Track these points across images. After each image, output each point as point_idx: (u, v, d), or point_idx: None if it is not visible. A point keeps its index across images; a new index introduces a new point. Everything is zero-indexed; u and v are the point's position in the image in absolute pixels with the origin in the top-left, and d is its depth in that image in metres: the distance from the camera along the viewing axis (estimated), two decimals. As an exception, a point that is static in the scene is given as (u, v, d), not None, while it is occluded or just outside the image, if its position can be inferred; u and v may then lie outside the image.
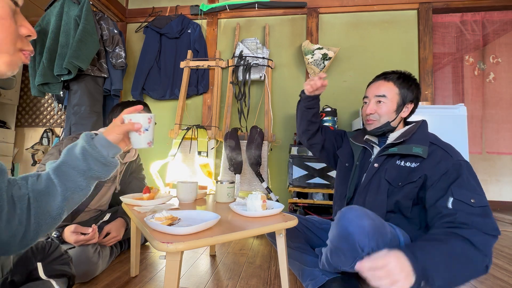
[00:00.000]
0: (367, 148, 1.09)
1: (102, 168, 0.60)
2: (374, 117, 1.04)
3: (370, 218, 0.76)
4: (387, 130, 1.03)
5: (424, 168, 0.90)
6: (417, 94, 1.04)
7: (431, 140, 0.95)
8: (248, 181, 2.01)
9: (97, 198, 1.33)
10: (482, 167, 3.18)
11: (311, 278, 0.97)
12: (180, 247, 0.62)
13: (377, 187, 0.97)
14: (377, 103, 1.03)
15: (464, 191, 0.81)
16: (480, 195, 0.82)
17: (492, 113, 2.45)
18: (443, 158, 0.89)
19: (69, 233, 1.06)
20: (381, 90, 1.02)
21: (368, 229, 0.74)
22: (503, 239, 1.85)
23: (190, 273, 1.20)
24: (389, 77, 1.04)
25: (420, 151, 0.91)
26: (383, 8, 2.29)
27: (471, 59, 2.49)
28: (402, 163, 0.95)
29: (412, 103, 1.04)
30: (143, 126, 0.68)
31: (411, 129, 1.00)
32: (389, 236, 0.80)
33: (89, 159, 0.58)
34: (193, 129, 2.16)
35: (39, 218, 0.51)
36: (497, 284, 1.15)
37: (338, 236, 0.78)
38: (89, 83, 2.04)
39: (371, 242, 0.74)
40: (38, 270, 0.72)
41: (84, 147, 0.59)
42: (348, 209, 0.79)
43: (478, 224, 0.76)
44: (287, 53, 2.39)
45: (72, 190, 0.57)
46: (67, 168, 0.56)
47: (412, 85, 1.03)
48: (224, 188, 1.15)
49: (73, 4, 1.97)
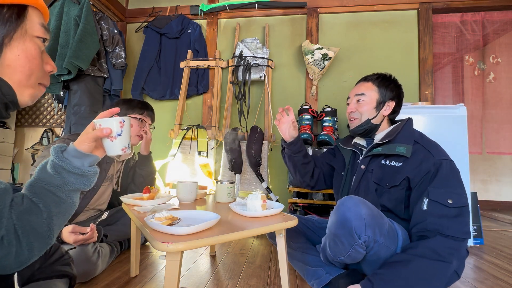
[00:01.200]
0: (357, 152, 1.11)
1: (79, 179, 0.57)
2: (355, 115, 1.08)
3: (368, 208, 0.78)
4: (369, 128, 1.05)
5: (407, 169, 0.91)
6: (398, 93, 1.07)
7: (416, 138, 0.96)
8: (248, 181, 2.01)
9: (95, 198, 1.33)
10: (482, 167, 3.18)
11: (316, 277, 0.97)
12: (180, 247, 0.62)
13: (366, 189, 0.99)
14: (357, 101, 1.07)
15: (441, 191, 0.83)
16: (459, 194, 0.83)
17: (492, 113, 2.45)
18: (425, 159, 0.90)
19: (68, 233, 1.05)
20: (361, 89, 1.08)
21: (365, 217, 0.76)
22: (503, 239, 1.85)
23: (190, 273, 1.20)
24: (368, 78, 1.10)
25: (404, 150, 0.92)
26: (383, 8, 2.29)
27: (471, 59, 2.49)
28: (387, 162, 0.97)
29: (393, 101, 1.06)
30: (114, 131, 0.62)
31: (396, 128, 1.02)
32: (386, 227, 0.81)
33: (63, 173, 0.55)
34: (193, 129, 2.16)
35: (28, 237, 0.49)
36: (497, 284, 1.15)
37: (336, 222, 0.80)
38: (89, 83, 2.04)
39: (368, 229, 0.76)
40: (39, 271, 0.72)
41: (53, 162, 0.56)
42: (348, 197, 0.81)
43: (447, 229, 0.78)
44: (287, 53, 2.39)
45: (54, 205, 0.54)
46: (42, 185, 0.54)
47: (391, 84, 1.07)
48: (224, 188, 1.16)
49: (73, 4, 1.97)
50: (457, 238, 0.78)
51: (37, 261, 0.72)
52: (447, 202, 0.81)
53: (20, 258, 0.49)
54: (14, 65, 0.49)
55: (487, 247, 1.67)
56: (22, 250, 0.49)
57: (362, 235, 0.76)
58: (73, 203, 0.58)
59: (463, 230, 0.79)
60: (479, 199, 1.99)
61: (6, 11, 0.48)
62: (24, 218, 0.50)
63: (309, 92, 2.29)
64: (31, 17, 0.51)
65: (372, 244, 0.78)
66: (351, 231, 0.77)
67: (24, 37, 0.50)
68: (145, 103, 1.45)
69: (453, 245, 0.77)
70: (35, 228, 0.51)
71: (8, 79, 0.48)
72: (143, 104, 1.44)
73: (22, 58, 0.50)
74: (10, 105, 0.50)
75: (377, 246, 0.79)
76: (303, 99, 2.31)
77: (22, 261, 0.50)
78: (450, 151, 1.61)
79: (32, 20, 0.51)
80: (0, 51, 0.47)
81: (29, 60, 0.51)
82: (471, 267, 1.34)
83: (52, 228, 0.54)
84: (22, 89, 0.51)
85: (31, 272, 0.71)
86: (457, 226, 0.79)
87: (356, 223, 0.76)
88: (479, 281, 1.18)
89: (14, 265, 0.49)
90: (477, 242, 1.67)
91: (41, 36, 0.53)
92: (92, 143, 0.60)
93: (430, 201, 0.83)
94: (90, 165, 0.61)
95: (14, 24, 0.48)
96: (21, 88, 0.51)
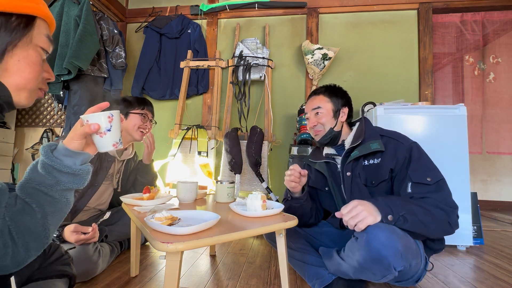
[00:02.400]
0: (330, 161, 1.13)
1: (72, 178, 0.56)
2: (318, 127, 1.12)
3: (399, 237, 0.76)
4: (333, 135, 1.11)
5: (387, 162, 0.97)
6: (347, 99, 1.14)
7: (380, 132, 1.03)
8: (248, 181, 2.01)
9: (95, 197, 1.33)
10: (482, 167, 3.18)
11: (318, 277, 0.97)
12: (180, 247, 0.62)
13: (359, 193, 1.01)
14: (316, 115, 1.12)
15: (420, 173, 0.90)
16: (434, 170, 0.91)
17: (492, 113, 2.45)
18: (397, 148, 0.97)
19: (69, 232, 1.06)
20: (315, 103, 1.13)
21: (401, 250, 0.74)
22: (503, 239, 1.85)
23: (190, 273, 1.20)
24: (318, 91, 1.16)
25: (378, 145, 0.98)
26: (383, 8, 2.30)
27: (471, 59, 2.49)
28: (367, 162, 1.02)
29: (346, 107, 1.13)
30: (103, 126, 0.59)
31: (361, 128, 1.07)
32: (414, 247, 0.80)
33: (54, 172, 0.54)
34: (193, 129, 2.16)
35: (23, 238, 0.49)
36: (497, 284, 1.15)
37: (370, 259, 0.76)
38: (89, 83, 2.04)
39: (404, 261, 0.74)
40: (38, 271, 0.72)
41: (43, 161, 0.54)
42: (376, 229, 0.76)
43: (436, 200, 0.85)
44: (287, 53, 2.39)
45: (48, 205, 0.53)
46: (34, 185, 0.53)
47: (339, 93, 1.14)
48: (224, 188, 1.15)
49: (73, 4, 1.98)
50: (444, 209, 0.83)
51: (36, 261, 0.72)
52: (427, 181, 0.88)
53: (17, 259, 0.49)
54: (13, 69, 0.49)
55: (487, 247, 1.67)
56: (19, 251, 0.49)
57: (398, 267, 0.74)
58: (68, 202, 0.57)
59: (448, 201, 0.85)
60: (479, 199, 1.99)
61: (14, 19, 0.48)
62: (17, 219, 0.49)
63: (309, 92, 2.29)
64: (38, 27, 0.52)
65: (407, 269, 0.77)
66: (388, 267, 0.74)
67: (28, 45, 0.51)
68: (144, 98, 1.46)
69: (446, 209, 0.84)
70: (30, 228, 0.50)
71: (5, 82, 0.49)
72: (142, 99, 1.44)
73: (22, 63, 0.50)
74: (5, 106, 0.51)
75: (410, 268, 0.78)
76: (303, 99, 2.31)
77: (19, 262, 0.50)
78: (450, 151, 1.63)
79: (39, 31, 0.52)
80: (1, 57, 0.48)
81: (29, 65, 0.51)
82: (471, 267, 1.34)
83: (47, 228, 0.53)
84: (19, 92, 0.51)
85: (30, 272, 0.71)
86: (443, 197, 0.85)
87: (393, 259, 0.73)
88: (479, 281, 1.18)
89: (11, 265, 0.49)
90: (477, 242, 1.66)
91: (45, 48, 0.54)
92: (82, 141, 0.58)
93: (414, 184, 0.89)
94: (82, 163, 0.59)
95: (20, 33, 0.49)
96: (18, 90, 0.51)
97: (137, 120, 1.38)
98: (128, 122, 1.37)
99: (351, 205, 0.81)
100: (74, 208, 1.27)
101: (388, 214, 0.78)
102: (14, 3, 0.48)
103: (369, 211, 0.78)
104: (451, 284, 1.14)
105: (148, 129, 1.45)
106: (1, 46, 0.47)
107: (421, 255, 0.84)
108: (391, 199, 0.84)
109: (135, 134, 1.38)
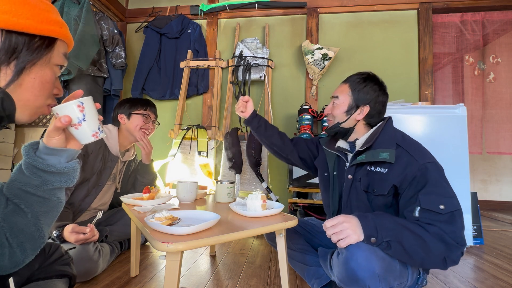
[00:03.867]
0: (341, 157, 1.06)
1: (59, 177, 0.54)
2: (330, 117, 1.06)
3: (379, 258, 0.73)
4: (338, 131, 1.03)
5: (393, 176, 0.87)
6: (375, 96, 0.98)
7: (398, 141, 0.91)
8: (248, 181, 2.01)
9: (98, 197, 1.34)
10: (482, 167, 3.18)
11: (316, 276, 0.97)
12: (180, 247, 0.62)
13: (357, 199, 0.96)
14: (333, 104, 1.05)
15: (432, 198, 0.79)
16: (451, 197, 0.79)
17: (492, 113, 2.45)
18: (409, 164, 0.85)
19: (68, 232, 1.06)
20: (337, 92, 1.04)
21: (378, 272, 0.71)
22: (503, 239, 1.85)
23: (190, 273, 1.20)
24: (349, 79, 1.03)
25: (387, 156, 0.88)
26: (383, 8, 2.29)
27: (471, 59, 2.49)
28: (373, 169, 0.93)
29: (367, 105, 0.98)
30: (74, 117, 0.54)
31: (375, 132, 0.97)
32: (398, 268, 0.77)
33: (38, 172, 0.52)
34: (193, 129, 2.16)
35: (17, 238, 0.49)
36: (497, 284, 1.15)
37: (347, 278, 0.75)
38: (89, 83, 2.04)
39: (382, 283, 0.73)
40: (38, 271, 0.72)
41: (26, 162, 0.52)
42: (355, 247, 0.74)
43: (443, 231, 0.75)
44: (287, 53, 2.39)
45: (38, 205, 0.52)
46: (19, 186, 0.51)
47: (367, 86, 0.98)
48: (224, 188, 1.16)
49: (73, 4, 1.97)
50: (449, 243, 0.74)
51: (36, 261, 0.72)
52: (439, 209, 0.77)
53: (14, 259, 0.49)
54: (27, 86, 0.50)
55: (487, 247, 1.67)
56: (15, 251, 0.49)
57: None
58: (59, 201, 0.55)
59: (458, 235, 0.75)
60: (479, 199, 1.99)
61: (37, 40, 0.50)
62: (9, 220, 0.49)
63: (309, 92, 2.29)
64: (58, 48, 0.54)
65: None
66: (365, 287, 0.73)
67: (46, 65, 0.52)
68: (147, 100, 1.48)
69: (451, 244, 0.75)
70: (23, 229, 0.50)
71: (16, 96, 0.50)
72: (145, 100, 1.46)
73: (37, 81, 0.51)
74: (5, 119, 0.51)
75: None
76: (303, 99, 2.31)
77: (16, 262, 0.50)
78: (450, 151, 1.63)
79: (58, 51, 0.54)
80: (19, 75, 0.49)
81: (43, 84, 0.52)
82: (471, 267, 1.34)
83: (40, 228, 0.52)
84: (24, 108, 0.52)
85: (30, 272, 0.71)
86: (450, 231, 0.75)
87: (369, 282, 0.71)
88: (479, 281, 1.18)
89: (9, 266, 0.49)
90: (477, 242, 1.67)
91: (60, 64, 0.56)
92: (59, 136, 0.54)
93: (422, 209, 0.78)
94: (68, 160, 0.55)
95: (41, 53, 0.51)
96: (25, 107, 0.52)
97: (139, 121, 1.39)
98: (130, 122, 1.39)
99: (337, 220, 0.77)
100: (79, 208, 1.28)
101: (372, 236, 0.74)
102: (40, 26, 0.49)
103: (354, 230, 0.75)
104: (451, 284, 1.14)
105: (151, 130, 1.46)
106: (21, 64, 0.49)
107: (408, 273, 0.80)
108: (383, 219, 0.77)
109: (138, 135, 1.39)
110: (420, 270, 0.85)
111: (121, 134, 1.41)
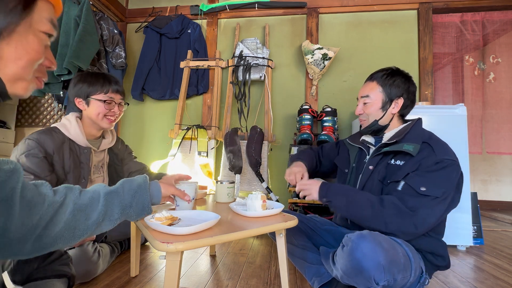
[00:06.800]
0: (363, 149, 1.09)
1: (139, 211, 0.68)
2: (363, 117, 1.06)
3: (384, 249, 0.73)
4: (376, 129, 1.04)
5: (409, 166, 0.89)
6: (406, 88, 1.01)
7: (425, 139, 0.93)
8: (248, 181, 2.01)
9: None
10: (482, 167, 3.18)
11: (317, 275, 0.97)
12: (180, 247, 0.62)
13: (370, 189, 0.97)
14: (364, 104, 1.05)
15: (419, 179, 0.84)
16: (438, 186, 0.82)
17: (492, 113, 2.45)
18: (427, 156, 0.88)
19: None
20: (366, 91, 1.05)
21: (383, 263, 0.71)
22: (503, 239, 1.85)
23: (190, 273, 1.20)
24: (374, 77, 1.05)
25: (411, 148, 0.90)
26: (383, 8, 2.29)
27: (471, 59, 2.49)
28: (393, 161, 0.95)
29: (401, 97, 1.00)
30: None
31: (405, 128, 0.99)
32: (402, 261, 0.77)
33: (137, 196, 0.67)
34: (193, 129, 2.16)
35: (64, 230, 0.52)
36: (497, 284, 1.15)
37: (352, 269, 0.75)
38: (89, 83, 2.04)
39: (387, 275, 0.72)
40: (37, 271, 0.72)
41: (140, 184, 0.68)
42: (360, 238, 0.75)
43: (405, 201, 0.82)
44: (287, 53, 2.39)
45: (106, 217, 0.61)
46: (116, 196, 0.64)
47: (397, 80, 1.01)
48: (224, 188, 1.15)
49: (73, 4, 1.97)
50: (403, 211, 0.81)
51: (35, 261, 0.72)
52: (420, 189, 0.81)
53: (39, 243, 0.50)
54: (9, 57, 0.43)
55: (487, 247, 1.67)
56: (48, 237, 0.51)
57: (381, 282, 0.73)
58: (113, 226, 0.65)
59: (420, 212, 0.80)
60: (479, 199, 1.99)
61: (10, 1, 0.42)
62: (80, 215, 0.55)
63: (309, 92, 2.29)
64: (40, 10, 0.45)
65: (392, 283, 0.75)
66: (369, 279, 0.73)
67: (27, 31, 0.44)
68: (107, 76, 1.18)
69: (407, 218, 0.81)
70: (75, 227, 0.54)
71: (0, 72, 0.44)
72: (104, 77, 1.17)
73: (19, 50, 0.44)
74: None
75: (394, 282, 0.76)
76: (303, 99, 2.31)
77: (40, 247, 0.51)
78: (450, 151, 1.62)
79: (41, 14, 0.45)
80: None
81: (28, 52, 0.45)
82: (471, 267, 1.34)
83: (83, 235, 0.56)
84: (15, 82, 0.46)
85: (29, 272, 0.71)
86: (414, 205, 0.81)
87: (374, 273, 0.71)
88: (479, 281, 1.18)
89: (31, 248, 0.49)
90: (477, 242, 1.66)
91: (47, 32, 0.47)
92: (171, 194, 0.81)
93: (405, 184, 0.85)
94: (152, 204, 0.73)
95: (17, 17, 0.42)
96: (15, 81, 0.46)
97: (100, 108, 1.14)
98: (90, 110, 1.14)
99: (309, 182, 0.98)
100: None
101: (323, 197, 0.92)
102: None
103: (315, 190, 0.94)
104: (451, 284, 1.14)
105: (118, 115, 1.20)
106: None
107: (412, 268, 0.79)
108: (337, 186, 0.94)
109: (102, 123, 1.16)
110: (423, 269, 0.85)
111: (84, 122, 1.16)
